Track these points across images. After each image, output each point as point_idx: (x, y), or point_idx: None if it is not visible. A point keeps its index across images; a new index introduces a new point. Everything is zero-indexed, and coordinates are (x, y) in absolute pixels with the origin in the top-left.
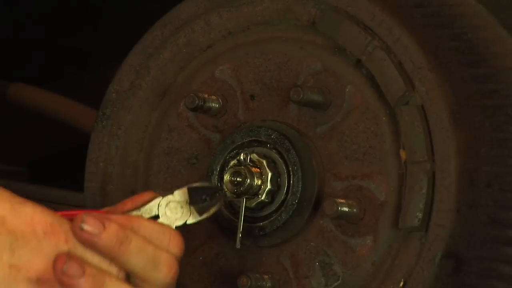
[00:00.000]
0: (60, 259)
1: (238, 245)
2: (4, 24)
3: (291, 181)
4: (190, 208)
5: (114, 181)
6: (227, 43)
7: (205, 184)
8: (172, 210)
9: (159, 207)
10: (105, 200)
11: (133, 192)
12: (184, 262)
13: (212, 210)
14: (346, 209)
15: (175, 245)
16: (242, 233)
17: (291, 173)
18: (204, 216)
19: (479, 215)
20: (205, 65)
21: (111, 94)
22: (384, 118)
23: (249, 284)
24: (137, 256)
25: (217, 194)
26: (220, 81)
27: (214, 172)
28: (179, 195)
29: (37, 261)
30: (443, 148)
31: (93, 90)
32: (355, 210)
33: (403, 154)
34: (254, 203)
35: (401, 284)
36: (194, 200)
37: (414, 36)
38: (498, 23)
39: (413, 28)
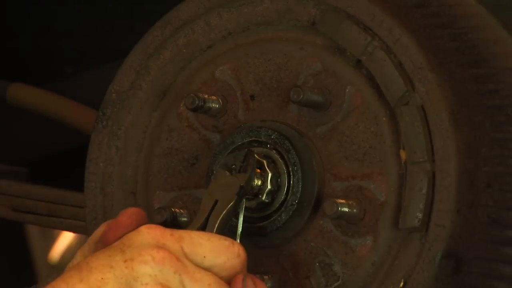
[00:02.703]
0: None
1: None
2: (4, 24)
3: (291, 182)
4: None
5: (114, 181)
6: (227, 43)
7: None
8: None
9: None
10: (105, 200)
11: (133, 193)
12: None
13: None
14: (346, 209)
15: None
16: (242, 233)
17: (291, 174)
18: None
19: (479, 215)
20: (205, 65)
21: (111, 94)
22: (384, 119)
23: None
24: None
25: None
26: (220, 81)
27: (214, 173)
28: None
29: None
30: (443, 148)
31: (93, 90)
32: (355, 210)
33: (403, 155)
34: (254, 204)
35: (401, 284)
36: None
37: (414, 37)
38: (498, 24)
39: (413, 29)
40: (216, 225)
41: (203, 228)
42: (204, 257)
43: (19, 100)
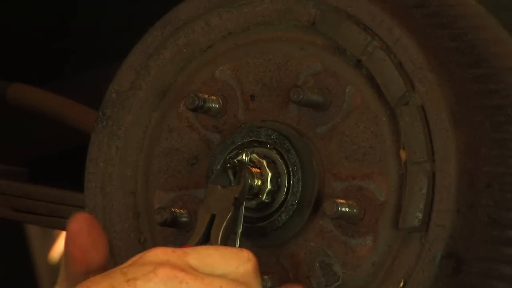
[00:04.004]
0: None
1: (237, 245)
2: (4, 24)
3: (291, 182)
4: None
5: (114, 181)
6: (227, 43)
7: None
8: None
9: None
10: (105, 200)
11: (133, 193)
12: None
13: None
14: (346, 209)
15: None
16: (242, 233)
17: (291, 174)
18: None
19: (479, 216)
20: (205, 65)
21: (111, 94)
22: (384, 119)
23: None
24: None
25: (235, 166)
26: (220, 81)
27: (214, 173)
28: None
29: None
30: (443, 148)
31: (93, 90)
32: (355, 210)
33: (403, 155)
34: (254, 204)
35: (401, 284)
36: (224, 183)
37: (414, 37)
38: (498, 24)
39: (413, 29)
40: (219, 238)
41: (203, 243)
42: (214, 266)
43: (19, 100)
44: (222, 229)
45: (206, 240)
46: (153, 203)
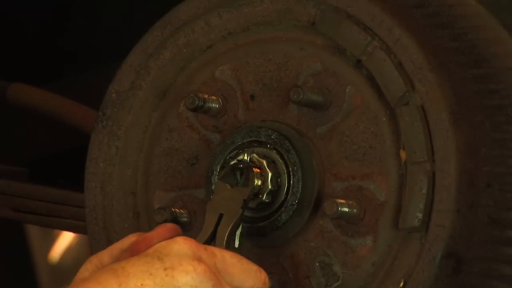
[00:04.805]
0: None
1: (237, 245)
2: (4, 24)
3: (291, 182)
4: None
5: (114, 181)
6: (227, 43)
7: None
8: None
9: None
10: (105, 200)
11: (133, 193)
12: None
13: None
14: (346, 209)
15: None
16: (242, 233)
17: (291, 174)
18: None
19: (479, 216)
20: (205, 65)
21: (111, 94)
22: (384, 119)
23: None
24: None
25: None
26: (220, 81)
27: (214, 173)
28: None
29: None
30: (443, 148)
31: (93, 90)
32: (355, 210)
33: (403, 155)
34: (254, 204)
35: (401, 284)
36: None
37: (414, 37)
38: (498, 24)
39: (413, 29)
40: (225, 238)
41: (210, 241)
42: (234, 277)
43: (19, 100)
44: (228, 231)
45: (211, 238)
46: (153, 203)
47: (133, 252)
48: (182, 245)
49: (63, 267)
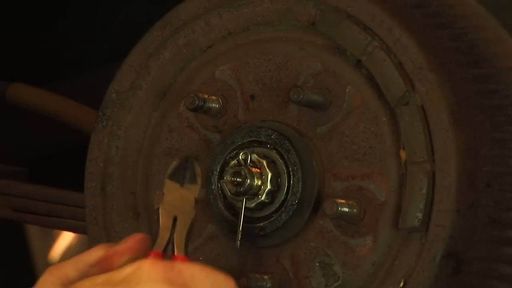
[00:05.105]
0: None
1: (238, 246)
2: (4, 24)
3: (291, 182)
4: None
5: (114, 181)
6: (227, 43)
7: (174, 164)
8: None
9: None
10: (105, 200)
11: (133, 193)
12: None
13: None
14: (346, 209)
15: None
16: (242, 233)
17: (291, 174)
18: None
19: (479, 216)
20: (205, 65)
21: (111, 94)
22: (384, 119)
23: (249, 284)
24: None
25: (189, 162)
26: (220, 81)
27: (214, 173)
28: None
29: None
30: (443, 148)
31: (93, 90)
32: (355, 210)
33: (403, 155)
34: (254, 204)
35: (401, 284)
36: (179, 180)
37: (414, 37)
38: (498, 24)
39: (413, 29)
40: (184, 243)
41: (167, 246)
42: None
43: (19, 100)
44: (186, 235)
45: (168, 243)
46: (153, 203)
47: (102, 268)
48: (151, 271)
49: None
